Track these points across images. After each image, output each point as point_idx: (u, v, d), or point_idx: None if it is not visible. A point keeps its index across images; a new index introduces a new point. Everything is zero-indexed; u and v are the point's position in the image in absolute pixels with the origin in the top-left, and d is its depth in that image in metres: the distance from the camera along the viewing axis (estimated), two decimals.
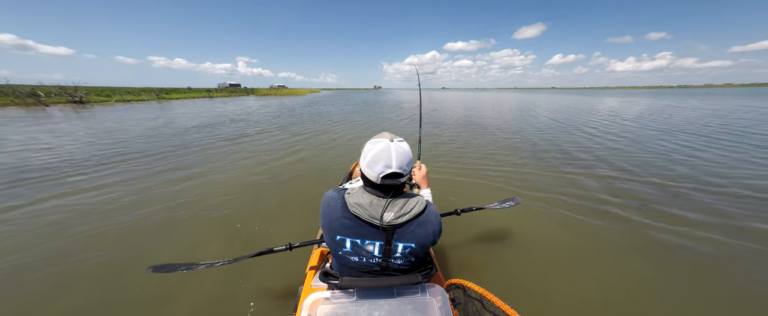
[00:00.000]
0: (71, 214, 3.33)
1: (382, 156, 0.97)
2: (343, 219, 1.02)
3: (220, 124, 11.29)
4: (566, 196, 3.73)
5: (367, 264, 1.09)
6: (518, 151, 6.33)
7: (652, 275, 2.25)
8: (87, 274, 2.33)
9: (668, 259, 2.46)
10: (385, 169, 0.97)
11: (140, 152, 6.35)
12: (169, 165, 5.33)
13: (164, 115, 14.88)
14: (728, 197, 3.63)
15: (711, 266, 2.35)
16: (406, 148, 1.02)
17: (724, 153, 5.77)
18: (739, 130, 8.50)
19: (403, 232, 1.01)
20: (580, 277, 2.23)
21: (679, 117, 12.24)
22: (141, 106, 21.62)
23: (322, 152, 6.57)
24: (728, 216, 3.15)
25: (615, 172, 4.76)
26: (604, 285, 2.14)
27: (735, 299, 2.00)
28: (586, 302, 1.99)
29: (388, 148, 0.98)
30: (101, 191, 4.03)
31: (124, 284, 2.23)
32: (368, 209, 0.98)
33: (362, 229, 1.01)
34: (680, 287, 2.13)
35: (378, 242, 1.02)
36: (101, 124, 11.08)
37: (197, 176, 4.73)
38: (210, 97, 38.00)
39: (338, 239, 1.05)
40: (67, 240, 2.78)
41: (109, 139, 7.85)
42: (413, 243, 1.03)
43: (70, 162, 5.51)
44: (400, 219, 0.99)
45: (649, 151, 6.16)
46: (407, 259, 1.07)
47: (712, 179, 4.28)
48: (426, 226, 1.03)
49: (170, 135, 8.63)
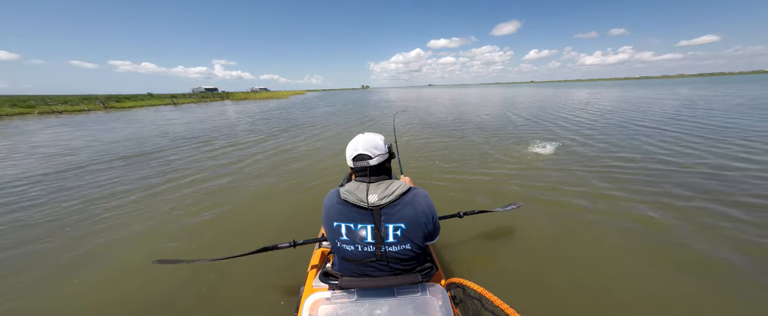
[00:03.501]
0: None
1: (352, 144, 1.21)
2: (337, 205, 1.13)
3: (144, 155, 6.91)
4: (566, 196, 3.74)
5: (363, 253, 1.10)
6: (517, 151, 6.32)
7: (653, 274, 2.26)
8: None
9: (667, 253, 2.50)
10: (354, 151, 1.19)
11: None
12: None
13: (67, 137, 10.19)
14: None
15: (712, 259, 2.39)
16: (372, 137, 1.23)
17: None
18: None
19: (390, 212, 1.08)
20: (580, 276, 2.25)
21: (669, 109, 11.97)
22: (73, 119, 17.89)
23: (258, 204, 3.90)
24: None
25: (619, 163, 4.78)
26: (605, 285, 2.16)
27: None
28: (586, 301, 2.01)
29: (358, 138, 1.23)
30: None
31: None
32: (355, 192, 1.11)
33: (353, 213, 1.10)
34: (685, 283, 2.15)
35: (369, 224, 1.08)
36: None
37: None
38: (174, 104, 34.36)
39: (335, 225, 1.12)
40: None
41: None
42: (403, 223, 1.07)
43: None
44: (384, 200, 1.08)
45: (647, 148, 6.15)
46: (402, 244, 1.08)
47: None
48: (413, 205, 1.10)
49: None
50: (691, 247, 2.58)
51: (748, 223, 2.89)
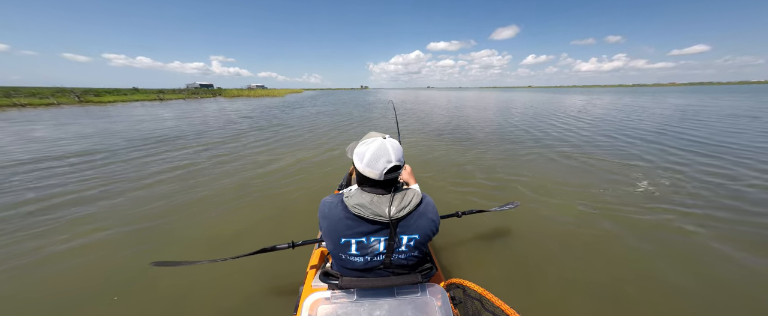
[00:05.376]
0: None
1: (381, 153, 1.01)
2: (346, 220, 1.03)
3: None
4: (566, 196, 3.78)
5: (372, 263, 1.08)
6: (515, 151, 6.36)
7: (653, 275, 2.29)
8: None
9: (669, 251, 2.55)
10: (387, 164, 1.00)
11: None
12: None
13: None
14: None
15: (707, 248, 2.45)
16: (398, 144, 1.08)
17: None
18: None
19: (406, 224, 1.04)
20: (580, 276, 2.27)
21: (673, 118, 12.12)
22: (31, 113, 16.30)
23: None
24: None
25: (616, 168, 4.87)
26: (604, 284, 2.18)
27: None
28: (585, 300, 2.03)
29: (384, 145, 1.03)
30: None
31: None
32: (370, 207, 1.00)
33: (366, 227, 1.02)
34: (685, 280, 2.17)
35: (383, 237, 1.04)
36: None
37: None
38: (160, 100, 33.05)
39: (343, 242, 1.04)
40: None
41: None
42: (417, 235, 1.06)
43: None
44: (403, 212, 1.02)
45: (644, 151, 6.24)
46: (411, 252, 1.09)
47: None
48: (426, 216, 1.07)
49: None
50: (695, 249, 2.61)
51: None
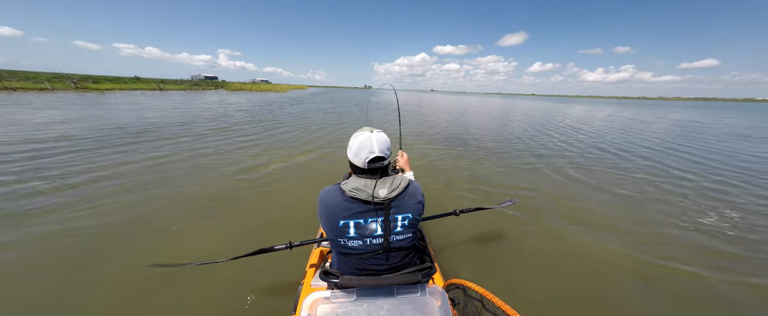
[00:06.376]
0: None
1: (365, 145, 1.15)
2: (343, 203, 1.12)
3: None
4: (565, 196, 3.76)
5: (371, 246, 1.12)
6: (514, 152, 6.35)
7: (653, 277, 2.27)
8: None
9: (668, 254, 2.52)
10: (369, 154, 1.14)
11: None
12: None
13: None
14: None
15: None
16: (384, 137, 1.20)
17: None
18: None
19: (398, 204, 1.15)
20: (579, 276, 2.26)
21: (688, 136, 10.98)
22: (22, 97, 15.62)
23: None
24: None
25: (616, 172, 4.80)
26: (604, 284, 2.16)
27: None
28: (585, 300, 2.01)
29: (369, 138, 1.16)
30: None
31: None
32: (365, 189, 1.12)
33: (363, 208, 1.12)
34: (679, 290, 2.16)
35: (379, 218, 1.12)
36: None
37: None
38: (160, 90, 33.03)
39: (342, 224, 1.11)
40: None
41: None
42: (410, 213, 1.16)
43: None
44: (394, 193, 1.13)
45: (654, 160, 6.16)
46: (406, 232, 1.16)
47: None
48: (415, 196, 1.20)
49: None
50: (692, 256, 2.59)
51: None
